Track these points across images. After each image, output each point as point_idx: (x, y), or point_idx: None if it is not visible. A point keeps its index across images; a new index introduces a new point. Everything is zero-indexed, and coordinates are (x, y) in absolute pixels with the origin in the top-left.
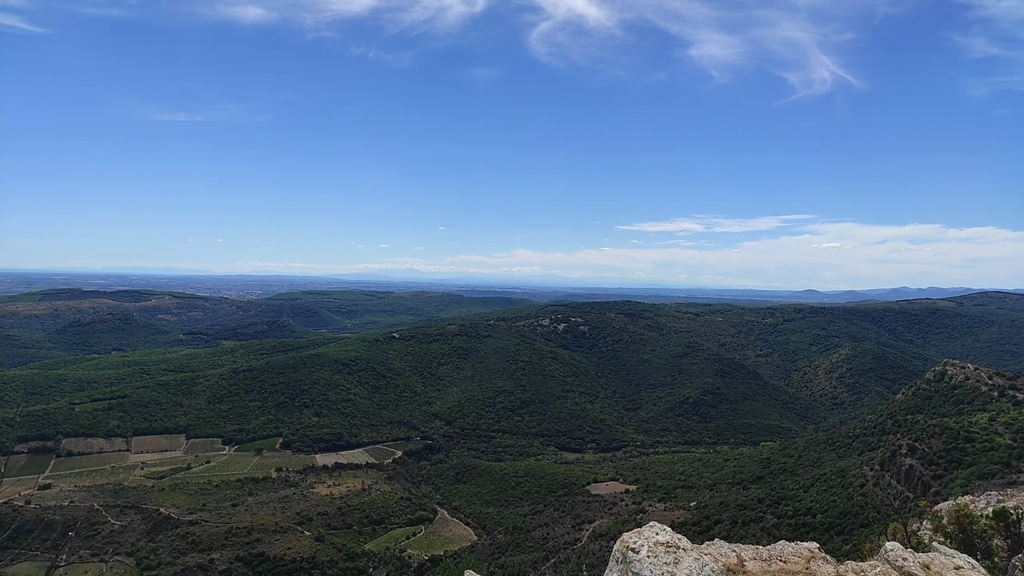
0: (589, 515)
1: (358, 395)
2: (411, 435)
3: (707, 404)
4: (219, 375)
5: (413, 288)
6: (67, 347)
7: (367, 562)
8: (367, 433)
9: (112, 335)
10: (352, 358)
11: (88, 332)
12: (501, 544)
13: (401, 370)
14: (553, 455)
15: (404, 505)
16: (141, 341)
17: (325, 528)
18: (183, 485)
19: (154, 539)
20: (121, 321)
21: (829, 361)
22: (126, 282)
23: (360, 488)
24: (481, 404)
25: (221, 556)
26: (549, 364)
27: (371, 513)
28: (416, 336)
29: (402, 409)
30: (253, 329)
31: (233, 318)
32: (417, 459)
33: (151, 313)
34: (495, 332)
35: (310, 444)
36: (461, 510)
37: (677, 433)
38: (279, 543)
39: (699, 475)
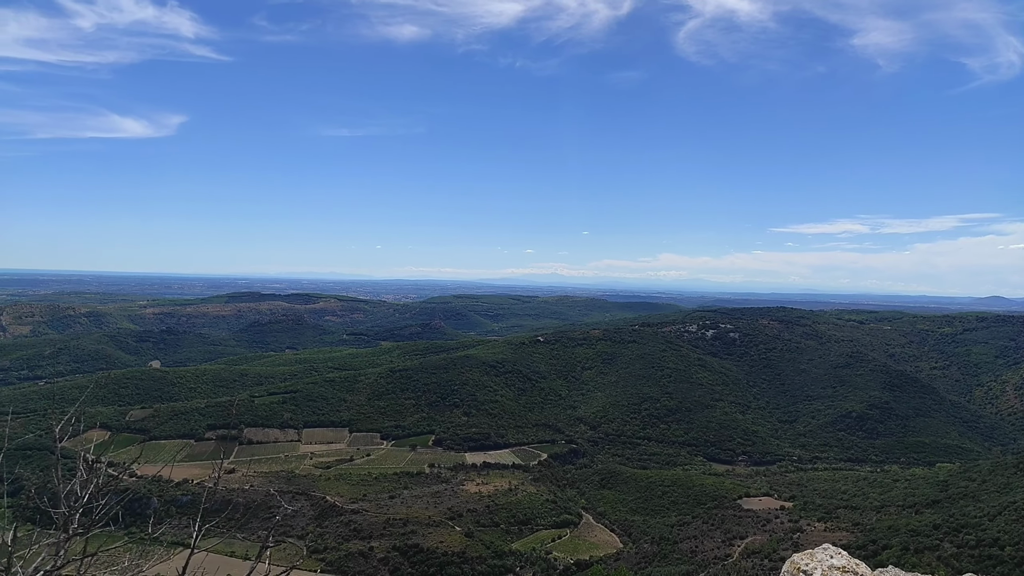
0: (740, 530)
1: (505, 397)
2: (556, 438)
3: (873, 419)
4: (378, 374)
5: (557, 292)
6: (248, 345)
7: (514, 561)
8: (513, 434)
9: (286, 334)
10: (499, 360)
11: (266, 332)
12: (648, 553)
13: (546, 373)
14: (701, 466)
15: (549, 507)
16: (310, 340)
17: (474, 524)
18: (346, 476)
19: (321, 525)
20: (293, 322)
21: (1020, 376)
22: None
23: (507, 488)
24: (626, 410)
25: (380, 545)
26: (697, 371)
27: (517, 513)
28: (560, 340)
29: (547, 412)
30: (408, 331)
31: (390, 320)
32: (562, 462)
33: (319, 315)
34: (640, 337)
35: (460, 442)
36: (606, 516)
37: (838, 449)
38: (432, 536)
39: (864, 495)
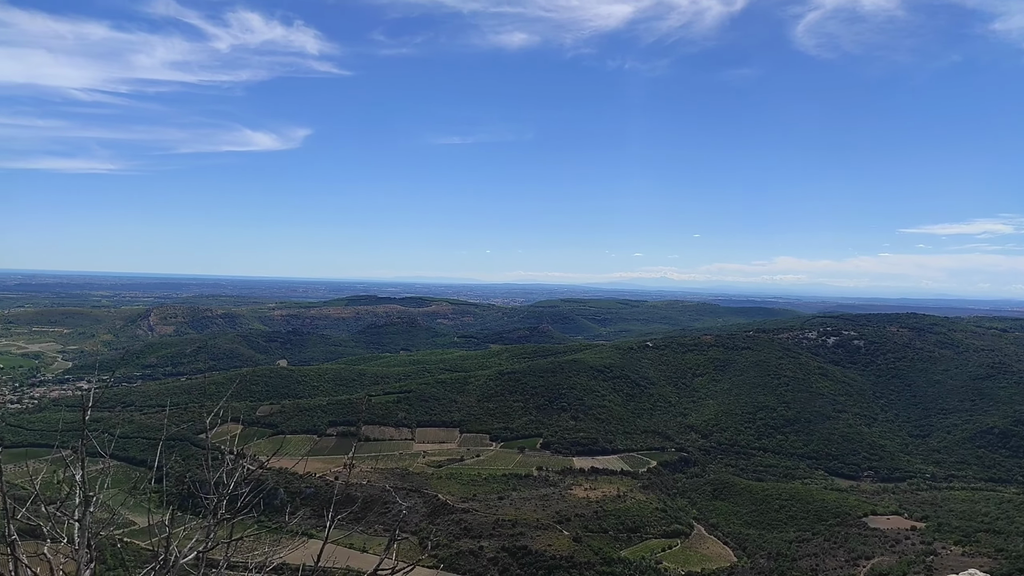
0: (866, 550)
1: (612, 402)
2: (665, 446)
3: (1019, 436)
4: (487, 376)
5: (666, 297)
6: (366, 346)
7: (623, 568)
8: (621, 440)
9: (400, 336)
10: (607, 365)
11: (381, 333)
12: (764, 569)
13: (655, 379)
14: (822, 480)
15: (659, 516)
16: (423, 342)
17: (582, 529)
18: (457, 475)
19: (433, 522)
20: (407, 324)
21: None
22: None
23: (615, 494)
24: (739, 419)
25: (489, 545)
26: (817, 381)
27: (626, 520)
28: (670, 346)
29: (656, 419)
30: (516, 334)
31: (499, 323)
32: (672, 471)
33: (431, 318)
34: (754, 344)
35: (567, 447)
36: (719, 528)
37: (978, 467)
38: (540, 539)
39: (1008, 519)
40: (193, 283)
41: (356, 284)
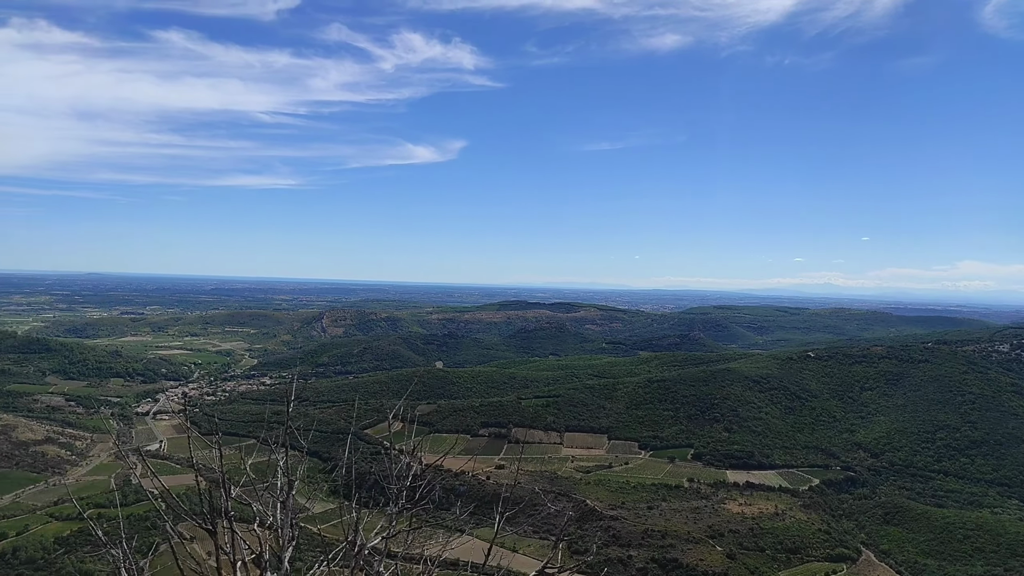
0: None
1: (770, 414)
2: (829, 463)
3: None
4: (635, 383)
5: (831, 304)
6: (516, 350)
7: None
8: (779, 455)
9: (549, 341)
10: (763, 375)
11: (531, 338)
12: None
13: (817, 392)
14: (1017, 510)
15: (822, 538)
16: (571, 347)
17: (736, 546)
18: (605, 482)
19: (581, 527)
20: (556, 329)
21: None
22: (560, 295)
23: (773, 511)
24: (915, 438)
25: (638, 555)
26: (1009, 399)
27: (785, 540)
28: (835, 356)
29: (818, 434)
30: (666, 341)
31: (648, 330)
32: (836, 490)
33: (579, 323)
34: (933, 357)
35: (720, 459)
36: (891, 555)
37: None
38: (691, 552)
39: None
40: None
41: (507, 289)
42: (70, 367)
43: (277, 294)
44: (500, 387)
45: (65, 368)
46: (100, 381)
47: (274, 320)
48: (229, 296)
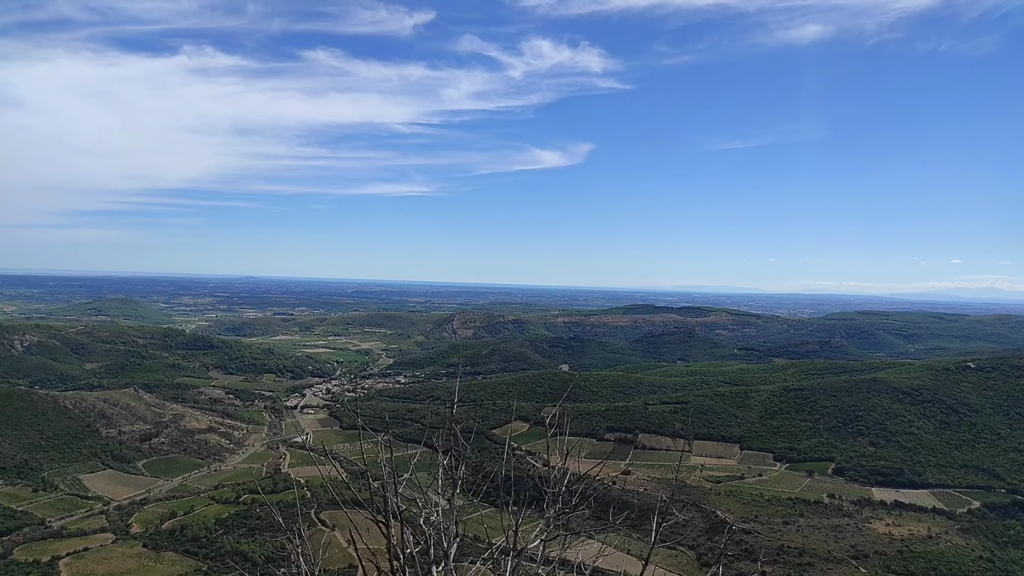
0: None
1: (922, 429)
2: (992, 485)
3: None
4: (770, 391)
5: (994, 310)
6: (642, 354)
7: None
8: (933, 473)
9: (677, 346)
10: (915, 387)
11: (658, 343)
12: None
13: (978, 406)
14: None
15: (984, 566)
16: (700, 353)
17: (883, 569)
18: (736, 493)
19: (711, 538)
20: (684, 334)
21: None
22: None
23: (925, 534)
24: None
25: (772, 571)
26: None
27: (939, 565)
28: (1000, 368)
29: (979, 452)
30: (804, 348)
31: (784, 336)
32: (1001, 515)
33: (709, 328)
34: None
35: (864, 475)
36: None
37: None
38: (831, 573)
39: None
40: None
41: (634, 293)
42: (229, 363)
43: (411, 297)
44: (626, 392)
45: (225, 364)
46: (255, 376)
47: (408, 321)
48: (368, 298)
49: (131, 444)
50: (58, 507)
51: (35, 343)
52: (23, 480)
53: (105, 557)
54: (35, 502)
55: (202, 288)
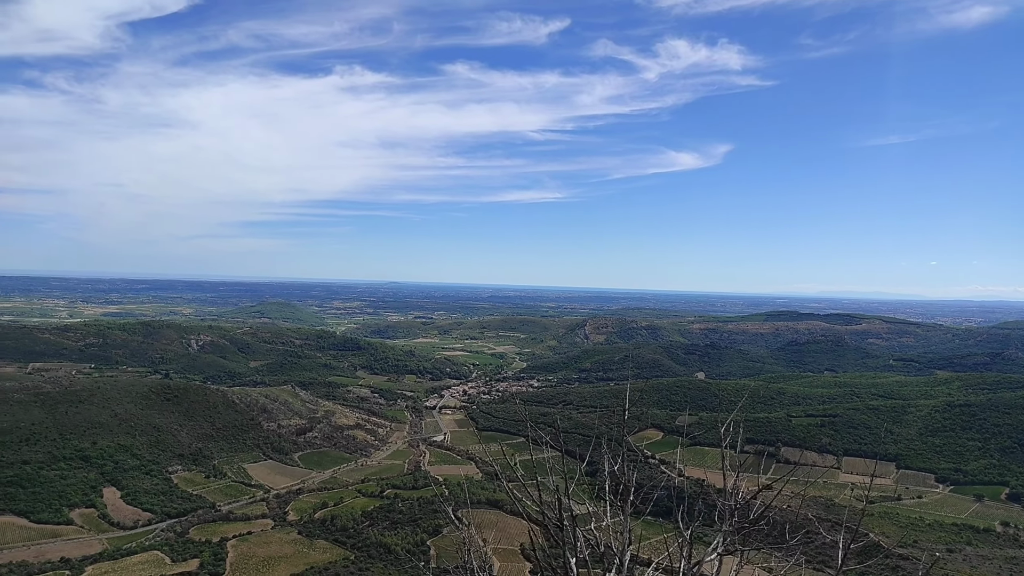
0: None
1: None
2: None
3: None
4: (931, 407)
5: None
6: (785, 364)
7: None
8: None
9: (824, 356)
10: None
11: (803, 351)
12: None
13: None
14: None
15: None
16: (850, 363)
17: None
18: (892, 515)
19: (863, 562)
20: (832, 343)
21: None
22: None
23: None
24: None
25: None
26: None
27: None
28: None
29: None
30: (971, 360)
31: (947, 347)
32: None
33: (861, 337)
34: None
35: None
36: None
37: None
38: None
39: None
40: (621, 296)
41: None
42: (375, 363)
43: (544, 302)
44: (767, 402)
45: (371, 364)
46: (397, 376)
47: (541, 326)
48: (503, 303)
49: (288, 437)
50: (226, 493)
51: (208, 343)
52: (198, 466)
53: (266, 541)
54: (207, 487)
55: (351, 293)
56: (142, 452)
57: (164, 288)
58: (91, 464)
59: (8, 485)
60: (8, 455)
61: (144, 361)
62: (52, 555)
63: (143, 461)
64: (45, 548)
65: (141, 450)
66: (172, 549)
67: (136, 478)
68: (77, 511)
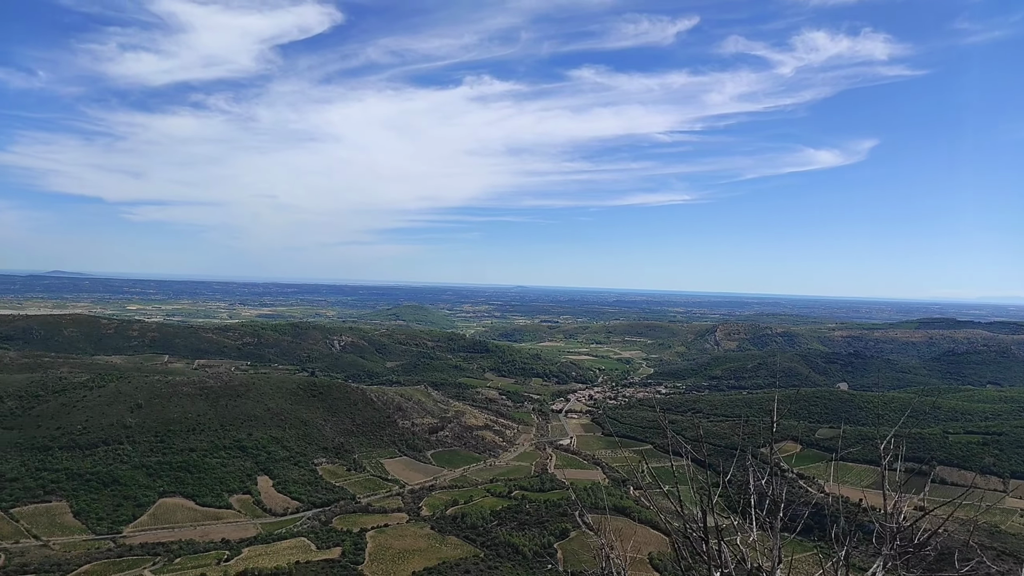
0: None
1: None
2: None
3: None
4: None
5: None
6: (940, 375)
7: None
8: None
9: (986, 367)
10: None
11: (961, 362)
12: None
13: None
14: None
15: None
16: (1018, 376)
17: None
18: None
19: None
20: (996, 353)
21: None
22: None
23: None
24: None
25: None
26: None
27: None
28: None
29: None
30: None
31: None
32: None
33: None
34: None
35: None
36: None
37: None
38: None
39: None
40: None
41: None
42: (502, 366)
43: (671, 306)
44: (920, 417)
45: (499, 366)
46: (524, 380)
47: (669, 332)
48: (628, 308)
49: (421, 435)
50: (365, 486)
51: (349, 343)
52: (340, 460)
53: (401, 534)
54: (348, 479)
55: (479, 297)
56: (291, 444)
57: (310, 292)
58: (247, 454)
59: (178, 470)
60: (178, 442)
61: (293, 359)
62: (215, 535)
63: (292, 453)
64: (208, 529)
65: (290, 442)
66: (317, 536)
67: (286, 468)
68: (235, 496)
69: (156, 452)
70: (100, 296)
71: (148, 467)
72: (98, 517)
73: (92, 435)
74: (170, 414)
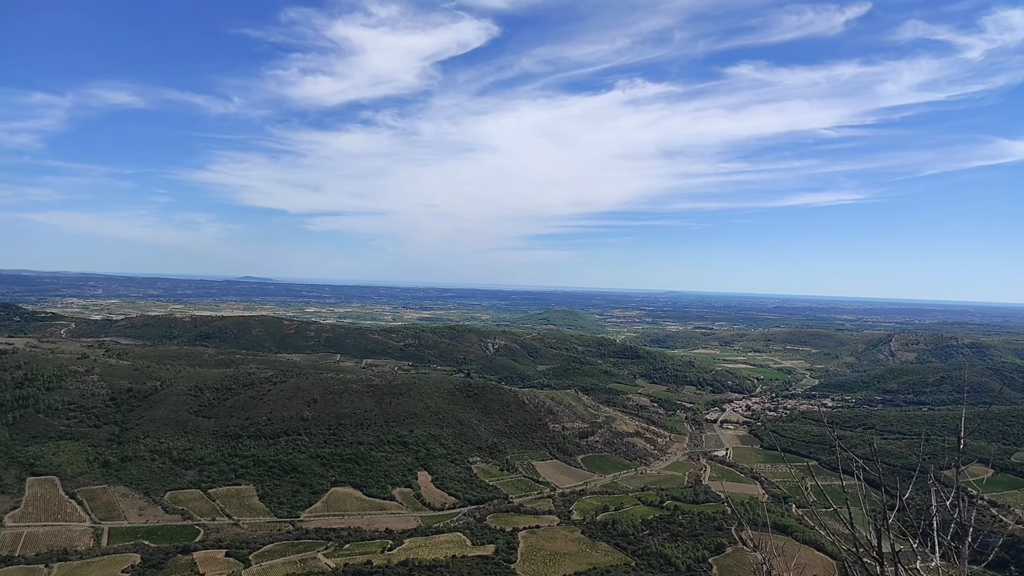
0: None
1: None
2: None
3: None
4: None
5: None
6: None
7: None
8: None
9: None
10: None
11: None
12: None
13: None
14: None
15: None
16: None
17: None
18: None
19: None
20: None
21: None
22: None
23: None
24: None
25: None
26: None
27: None
28: None
29: None
30: None
31: None
32: None
33: None
34: None
35: None
36: None
37: None
38: None
39: None
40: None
41: None
42: (653, 372)
43: (839, 314)
44: None
45: (650, 373)
46: (676, 387)
47: (836, 340)
48: (790, 314)
49: (571, 439)
50: (517, 486)
51: (501, 346)
52: (493, 459)
53: (552, 537)
54: (501, 479)
55: (629, 302)
56: (448, 442)
57: (466, 296)
58: (408, 449)
59: (348, 461)
60: (348, 436)
61: (450, 360)
62: (379, 524)
63: (449, 450)
64: (374, 518)
65: (447, 440)
66: (472, 533)
67: (443, 465)
68: (398, 489)
69: (329, 443)
70: (283, 299)
71: (322, 457)
72: (279, 501)
73: (275, 426)
74: (341, 409)
